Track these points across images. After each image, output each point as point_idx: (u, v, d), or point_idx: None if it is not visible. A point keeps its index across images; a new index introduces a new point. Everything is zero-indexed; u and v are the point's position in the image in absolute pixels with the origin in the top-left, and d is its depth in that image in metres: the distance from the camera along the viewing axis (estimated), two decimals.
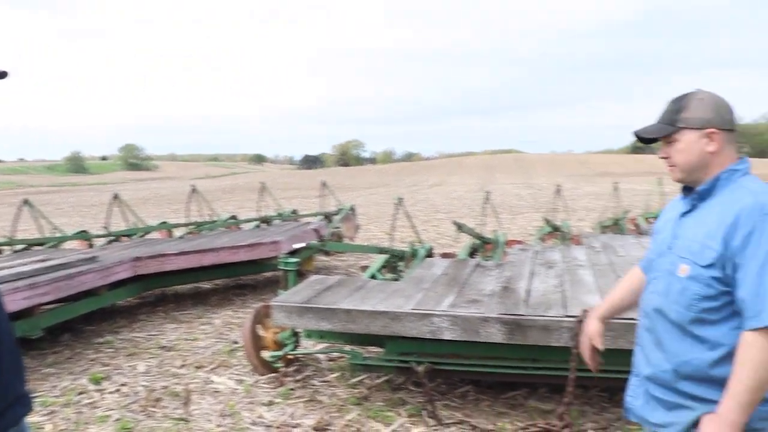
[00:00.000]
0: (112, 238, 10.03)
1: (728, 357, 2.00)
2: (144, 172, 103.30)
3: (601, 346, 2.56)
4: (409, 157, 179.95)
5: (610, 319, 2.63)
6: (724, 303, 2.02)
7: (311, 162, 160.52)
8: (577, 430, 4.19)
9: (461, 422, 4.36)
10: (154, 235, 11.08)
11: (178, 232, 11.45)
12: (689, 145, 2.12)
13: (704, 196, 2.14)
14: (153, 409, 4.73)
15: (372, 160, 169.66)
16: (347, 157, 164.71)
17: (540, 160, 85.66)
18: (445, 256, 8.36)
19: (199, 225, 11.22)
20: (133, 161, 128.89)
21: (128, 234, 10.46)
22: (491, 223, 11.91)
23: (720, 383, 2.00)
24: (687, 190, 2.22)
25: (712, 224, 2.05)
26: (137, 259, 7.01)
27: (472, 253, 8.38)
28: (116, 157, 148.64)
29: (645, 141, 2.23)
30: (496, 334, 4.15)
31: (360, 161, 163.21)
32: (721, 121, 2.11)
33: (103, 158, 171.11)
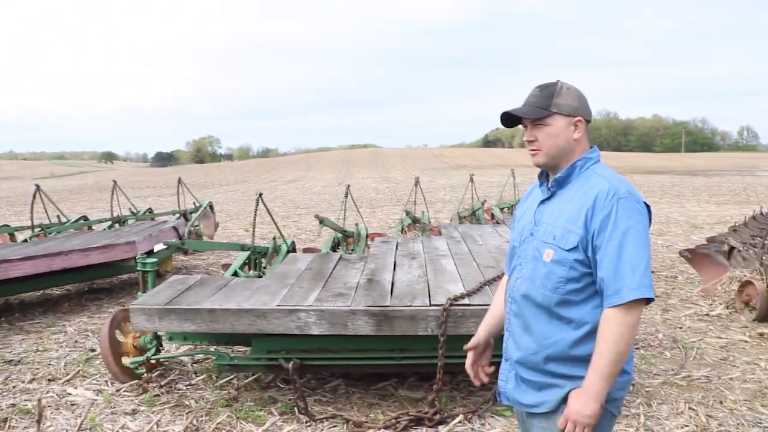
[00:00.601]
0: None
1: (592, 334, 2.11)
2: None
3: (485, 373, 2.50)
4: (266, 153, 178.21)
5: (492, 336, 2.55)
6: (586, 284, 2.14)
7: (165, 159, 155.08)
8: (448, 416, 4.29)
9: (334, 416, 4.35)
10: None
11: (21, 236, 10.71)
12: (559, 130, 2.21)
13: (562, 183, 2.25)
14: None
15: (229, 157, 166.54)
16: (202, 154, 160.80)
17: (396, 155, 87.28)
18: (307, 251, 8.34)
19: (45, 227, 10.54)
20: None
21: None
22: (352, 217, 11.99)
23: (585, 360, 2.11)
24: (543, 177, 2.32)
25: (573, 210, 2.15)
26: None
27: (335, 247, 8.39)
28: None
29: (509, 123, 2.30)
30: (364, 327, 4.17)
31: (216, 158, 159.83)
32: (585, 112, 2.25)
33: None
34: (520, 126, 2.31)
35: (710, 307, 7.24)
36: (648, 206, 2.17)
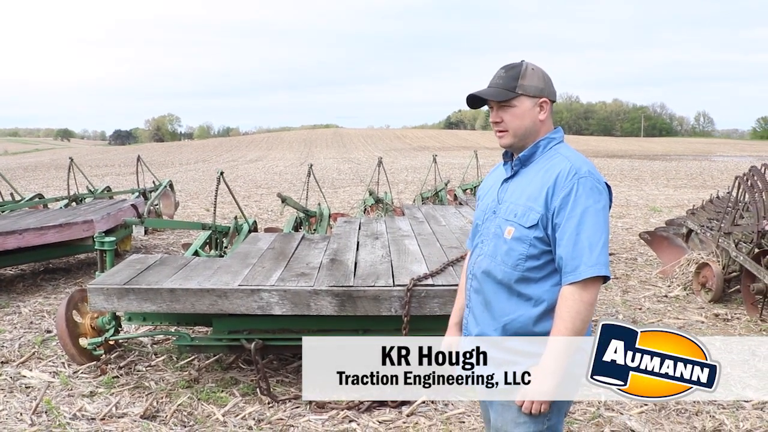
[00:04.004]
0: None
1: (550, 312, 2.14)
2: None
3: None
4: (226, 132, 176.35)
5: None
6: (545, 262, 2.15)
7: (123, 137, 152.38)
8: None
9: (296, 397, 4.32)
10: None
11: None
12: (525, 111, 2.21)
13: (525, 162, 2.26)
14: None
15: (189, 135, 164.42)
16: (162, 132, 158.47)
17: (358, 135, 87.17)
18: (269, 230, 8.27)
19: None
20: None
21: None
22: (314, 197, 11.93)
23: (544, 337, 2.12)
24: (507, 156, 2.32)
25: (534, 188, 2.17)
26: None
27: (297, 226, 8.33)
28: None
29: (475, 104, 2.29)
30: (327, 307, 4.14)
31: (176, 136, 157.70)
32: (550, 93, 2.25)
33: None
34: (484, 107, 2.31)
35: (668, 289, 7.36)
36: (609, 186, 2.19)
